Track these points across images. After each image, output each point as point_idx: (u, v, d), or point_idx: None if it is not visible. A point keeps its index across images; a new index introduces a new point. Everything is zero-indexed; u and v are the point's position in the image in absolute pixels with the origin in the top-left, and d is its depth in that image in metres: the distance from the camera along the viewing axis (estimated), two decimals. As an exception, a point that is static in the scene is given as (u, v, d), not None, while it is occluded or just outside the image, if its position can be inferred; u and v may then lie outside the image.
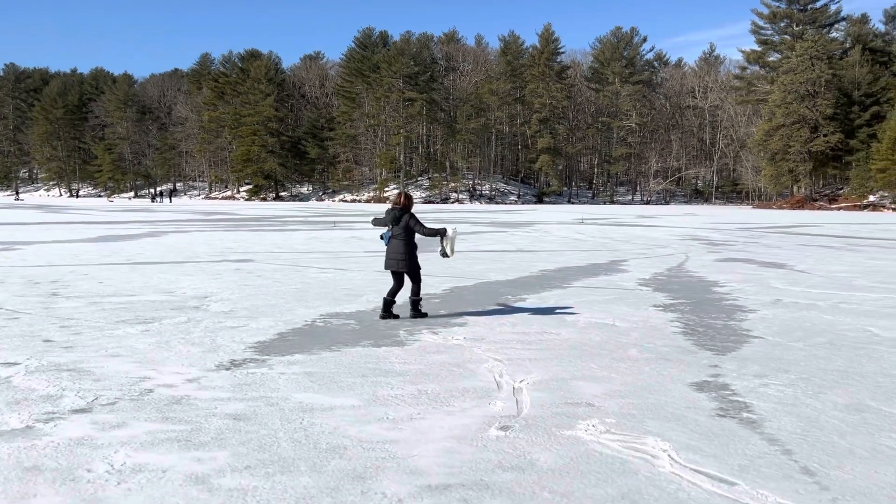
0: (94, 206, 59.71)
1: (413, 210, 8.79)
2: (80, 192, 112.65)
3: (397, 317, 8.48)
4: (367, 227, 28.79)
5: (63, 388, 5.39)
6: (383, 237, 8.68)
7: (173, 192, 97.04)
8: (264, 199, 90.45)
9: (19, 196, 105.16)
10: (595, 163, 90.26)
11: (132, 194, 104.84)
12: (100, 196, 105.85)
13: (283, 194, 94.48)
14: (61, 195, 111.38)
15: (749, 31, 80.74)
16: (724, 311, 9.12)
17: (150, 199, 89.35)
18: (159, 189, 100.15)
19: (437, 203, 79.91)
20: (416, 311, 8.55)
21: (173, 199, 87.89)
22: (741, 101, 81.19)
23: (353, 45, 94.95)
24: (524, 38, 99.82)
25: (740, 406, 5.06)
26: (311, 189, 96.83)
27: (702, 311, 9.18)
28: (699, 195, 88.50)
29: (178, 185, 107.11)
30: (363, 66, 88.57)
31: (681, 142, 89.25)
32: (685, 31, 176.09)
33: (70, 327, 7.79)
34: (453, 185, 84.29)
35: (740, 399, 5.23)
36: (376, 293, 10.45)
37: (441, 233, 8.70)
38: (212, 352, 6.66)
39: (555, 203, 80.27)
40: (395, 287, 8.55)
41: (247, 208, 58.16)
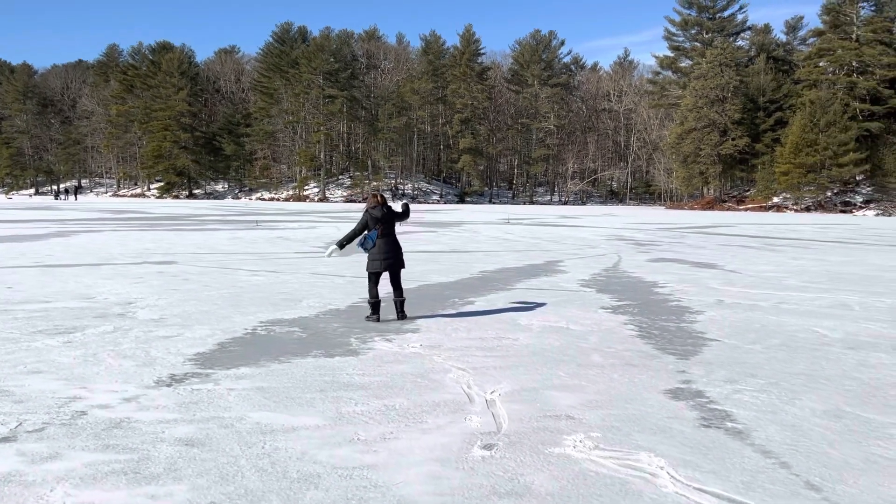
0: (-10, 204, 55.98)
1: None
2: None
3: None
4: (292, 228, 27.97)
5: (-21, 413, 4.73)
6: (368, 241, 8.26)
7: (78, 189, 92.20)
8: (177, 197, 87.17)
9: None
10: (515, 163, 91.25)
11: (32, 191, 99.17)
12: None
13: (196, 192, 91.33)
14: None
15: (662, 38, 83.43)
16: (673, 313, 9.09)
17: (53, 197, 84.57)
18: (63, 186, 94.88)
19: (360, 202, 79.00)
20: (404, 312, 8.47)
21: (79, 196, 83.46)
22: (654, 105, 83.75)
23: (271, 39, 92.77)
24: (445, 39, 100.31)
25: (721, 415, 4.91)
26: (226, 187, 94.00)
27: (651, 312, 9.13)
28: (614, 196, 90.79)
29: (83, 181, 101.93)
30: (281, 62, 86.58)
31: (597, 144, 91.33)
32: (600, 35, 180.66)
33: (-21, 339, 6.99)
34: (375, 183, 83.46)
35: (719, 407, 5.08)
36: (317, 298, 9.95)
37: (406, 211, 8.99)
38: (147, 366, 6.06)
39: (476, 203, 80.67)
40: (376, 286, 8.36)
41: (159, 206, 55.77)
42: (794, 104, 68.65)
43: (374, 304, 8.32)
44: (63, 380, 5.58)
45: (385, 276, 8.48)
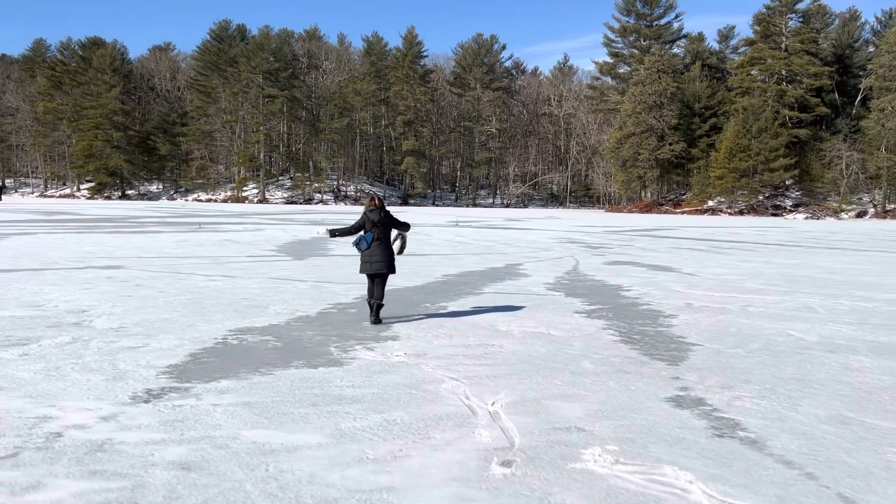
0: None
1: None
2: None
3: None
4: (237, 230, 27.22)
5: (-60, 438, 4.27)
6: (363, 242, 8.19)
7: (3, 190, 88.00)
8: (109, 198, 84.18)
9: None
10: (458, 166, 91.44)
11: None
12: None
13: (129, 193, 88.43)
14: None
15: (602, 44, 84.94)
16: (647, 317, 9.07)
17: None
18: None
19: (301, 203, 77.79)
20: (379, 318, 8.32)
21: (3, 196, 79.66)
22: (594, 110, 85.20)
23: (209, 37, 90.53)
24: (388, 40, 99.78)
25: (730, 424, 4.83)
26: (161, 187, 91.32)
27: (625, 317, 9.09)
28: (555, 199, 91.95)
29: (7, 181, 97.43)
30: (219, 60, 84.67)
31: (538, 148, 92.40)
32: (540, 40, 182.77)
33: (-77, 353, 6.41)
34: (317, 185, 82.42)
35: (725, 415, 5.01)
36: (282, 304, 9.57)
37: (406, 226, 8.68)
38: (117, 380, 5.64)
39: (420, 205, 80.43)
40: (373, 288, 8.30)
41: (92, 207, 53.65)
42: (727, 111, 70.87)
43: (375, 306, 8.27)
44: (28, 397, 5.13)
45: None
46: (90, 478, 3.73)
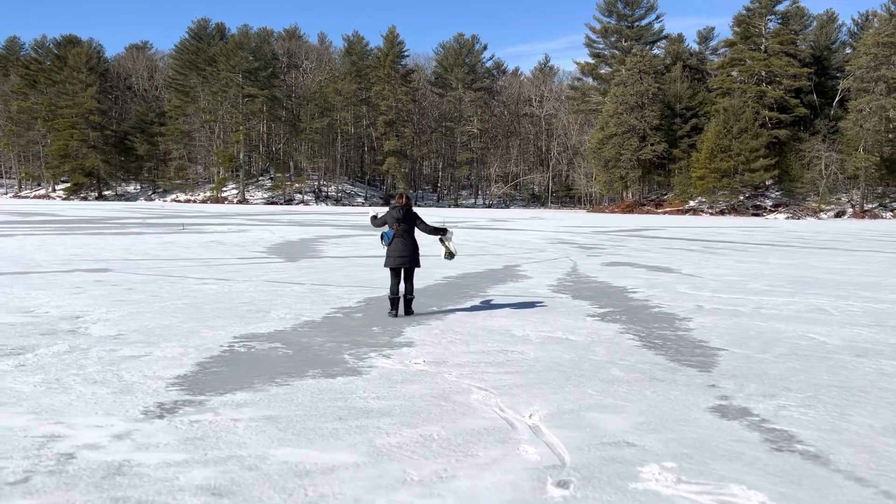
0: None
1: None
2: None
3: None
4: (222, 231, 26.70)
5: (-61, 462, 3.89)
6: (385, 237, 8.73)
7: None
8: (85, 199, 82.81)
9: None
10: (440, 167, 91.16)
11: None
12: None
13: (106, 193, 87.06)
14: None
15: (583, 44, 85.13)
16: (662, 321, 8.83)
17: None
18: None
19: (281, 204, 77.04)
20: (411, 309, 8.80)
21: (-25, 197, 78.08)
22: (576, 111, 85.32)
23: (187, 36, 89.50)
24: (369, 39, 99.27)
25: (784, 436, 4.58)
26: (138, 188, 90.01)
27: (639, 320, 8.85)
28: (536, 199, 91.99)
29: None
30: (198, 59, 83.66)
31: (519, 148, 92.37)
32: (521, 41, 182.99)
33: None
34: (298, 185, 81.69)
35: (776, 426, 4.76)
36: (284, 308, 9.21)
37: (441, 231, 9.25)
38: (125, 392, 5.28)
39: (401, 205, 79.85)
40: (397, 283, 8.64)
41: (69, 208, 52.66)
42: (708, 111, 71.29)
43: (392, 300, 8.63)
44: (31, 413, 4.75)
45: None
46: (113, 507, 3.38)
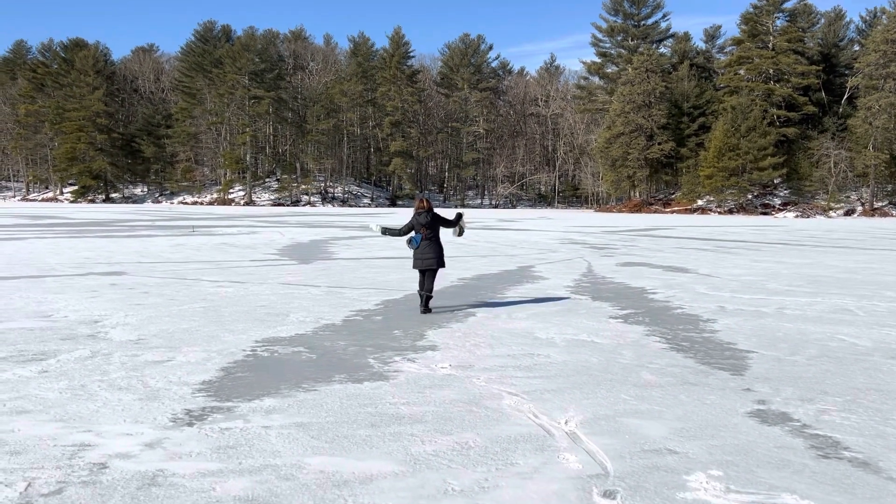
0: None
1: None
2: None
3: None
4: (232, 233, 26.66)
5: (-30, 473, 3.81)
6: (413, 242, 9.17)
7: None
8: (93, 201, 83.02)
9: None
10: (446, 167, 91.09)
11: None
12: None
13: (114, 196, 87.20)
14: None
15: (589, 44, 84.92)
16: (687, 322, 8.71)
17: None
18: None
19: (288, 205, 77.07)
20: (428, 307, 9.14)
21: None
22: (582, 110, 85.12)
23: (193, 38, 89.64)
24: (374, 40, 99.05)
25: (830, 442, 4.46)
26: (146, 190, 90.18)
27: (663, 322, 8.73)
28: (543, 199, 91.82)
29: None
30: (204, 61, 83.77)
31: (525, 148, 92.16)
32: (527, 41, 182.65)
33: (-68, 372, 5.92)
34: (304, 186, 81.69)
35: (819, 433, 4.64)
36: (303, 311, 9.13)
37: (459, 217, 9.91)
38: (152, 399, 5.19)
39: (408, 206, 79.89)
40: (424, 281, 9.14)
41: (78, 211, 52.76)
42: (716, 110, 71.01)
43: (424, 297, 9.11)
44: (59, 421, 4.67)
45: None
46: (151, 520, 3.29)
